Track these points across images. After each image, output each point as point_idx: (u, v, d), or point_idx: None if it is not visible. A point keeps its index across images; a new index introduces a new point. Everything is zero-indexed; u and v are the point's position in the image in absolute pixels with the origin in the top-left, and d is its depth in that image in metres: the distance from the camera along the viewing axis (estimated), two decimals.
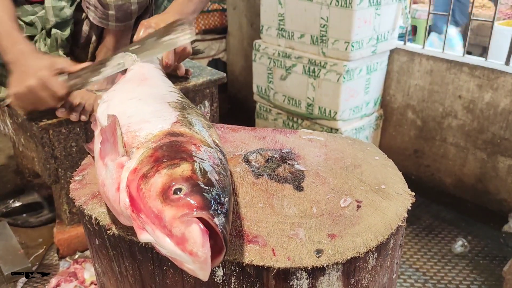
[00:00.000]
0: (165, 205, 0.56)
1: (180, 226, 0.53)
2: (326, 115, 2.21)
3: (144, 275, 0.71)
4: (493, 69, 2.02)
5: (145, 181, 0.59)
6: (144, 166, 0.61)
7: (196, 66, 1.80)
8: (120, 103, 0.81)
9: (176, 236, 0.53)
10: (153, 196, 0.57)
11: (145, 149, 0.64)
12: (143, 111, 0.76)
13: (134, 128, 0.70)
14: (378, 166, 0.84)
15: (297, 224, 0.68)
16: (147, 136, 0.67)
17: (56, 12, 1.33)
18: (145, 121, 0.72)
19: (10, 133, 1.64)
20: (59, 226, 1.65)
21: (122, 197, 0.61)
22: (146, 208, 0.57)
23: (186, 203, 0.55)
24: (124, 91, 0.87)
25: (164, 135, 0.67)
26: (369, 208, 0.72)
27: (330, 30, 2.08)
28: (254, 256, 0.62)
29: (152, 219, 0.56)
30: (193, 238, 0.52)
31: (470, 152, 2.19)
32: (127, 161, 0.64)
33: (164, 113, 0.75)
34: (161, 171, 0.59)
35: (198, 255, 0.52)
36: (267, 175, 0.80)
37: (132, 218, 0.59)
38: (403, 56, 2.31)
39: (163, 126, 0.70)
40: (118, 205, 0.62)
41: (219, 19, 3.15)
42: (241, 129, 1.00)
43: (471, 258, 1.94)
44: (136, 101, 0.80)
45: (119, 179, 0.63)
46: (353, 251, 0.63)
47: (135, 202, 0.59)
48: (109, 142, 0.67)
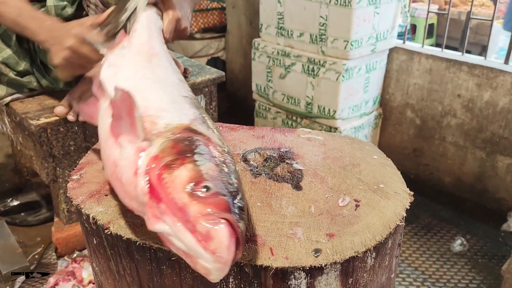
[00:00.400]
0: (192, 199, 0.55)
1: (206, 223, 0.53)
2: (325, 114, 2.21)
3: (142, 274, 0.71)
4: (492, 68, 2.02)
5: (169, 172, 0.58)
6: (166, 156, 0.60)
7: (195, 65, 1.79)
8: (131, 78, 0.79)
9: (200, 233, 0.53)
10: (179, 188, 0.56)
11: (165, 139, 0.64)
12: (160, 98, 0.75)
13: (152, 114, 0.69)
14: (377, 165, 0.84)
15: (295, 223, 0.68)
16: (167, 126, 0.67)
17: (58, 12, 1.33)
18: (163, 109, 0.71)
19: (8, 131, 1.63)
20: (57, 225, 1.65)
21: (140, 182, 0.60)
22: (169, 199, 0.56)
23: (215, 202, 0.55)
24: (134, 65, 0.85)
25: (183, 129, 0.67)
26: (368, 207, 0.72)
27: (329, 28, 2.08)
28: (252, 255, 0.62)
29: (174, 211, 0.55)
30: (220, 238, 0.52)
31: (469, 151, 2.19)
32: (148, 147, 0.63)
33: (181, 106, 0.74)
34: (186, 165, 0.59)
35: (221, 256, 0.52)
36: (266, 174, 0.80)
37: (148, 205, 0.58)
38: (402, 55, 2.31)
39: (182, 120, 0.69)
40: (133, 189, 0.61)
41: (218, 17, 3.14)
42: (239, 128, 0.99)
43: (470, 257, 1.94)
44: (151, 84, 0.79)
45: (137, 163, 0.61)
46: (352, 251, 0.63)
47: (154, 190, 0.58)
48: (125, 121, 0.65)
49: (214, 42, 3.13)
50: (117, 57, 0.88)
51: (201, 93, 1.67)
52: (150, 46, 0.94)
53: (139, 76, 0.81)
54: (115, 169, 0.65)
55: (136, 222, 0.68)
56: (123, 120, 0.66)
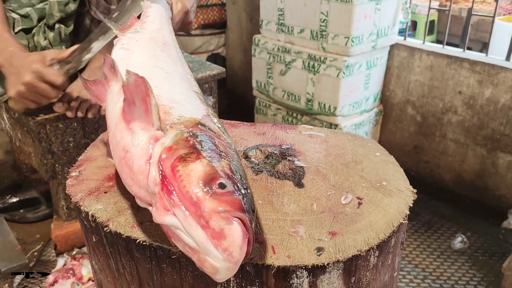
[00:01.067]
0: (206, 195, 0.54)
1: (220, 221, 0.52)
2: (325, 110, 2.20)
3: (141, 272, 0.70)
4: (493, 65, 2.01)
5: (184, 164, 0.57)
6: (181, 148, 0.59)
7: (195, 61, 1.78)
8: (144, 64, 0.78)
9: (213, 230, 0.52)
10: (194, 182, 0.55)
11: (178, 131, 0.63)
12: (173, 89, 0.74)
13: (166, 104, 0.68)
14: (379, 163, 0.83)
15: (297, 221, 0.67)
16: (180, 118, 0.65)
17: (61, 8, 1.32)
18: (176, 101, 0.70)
19: (7, 128, 1.62)
20: (56, 222, 1.64)
21: (152, 171, 0.58)
22: (182, 192, 0.55)
23: (230, 200, 0.54)
24: (147, 52, 0.84)
25: (195, 123, 0.65)
26: (370, 205, 0.71)
27: (330, 25, 2.07)
28: (254, 254, 0.61)
29: (187, 204, 0.54)
30: (233, 237, 0.51)
31: (470, 148, 2.18)
32: (162, 137, 0.61)
33: (194, 101, 0.73)
34: (202, 160, 0.58)
35: (232, 255, 0.51)
36: (267, 172, 0.79)
37: (159, 196, 0.57)
38: (403, 51, 2.30)
39: (194, 114, 0.68)
40: (144, 178, 0.59)
41: (218, 13, 3.12)
42: (240, 124, 0.99)
43: (470, 254, 1.94)
44: (164, 73, 0.78)
45: (149, 151, 0.60)
46: (354, 249, 0.62)
47: (167, 181, 0.57)
48: (138, 107, 0.64)
49: (214, 38, 3.11)
50: (130, 40, 0.86)
51: (201, 89, 1.66)
52: (162, 34, 0.93)
53: (152, 64, 0.79)
54: (126, 155, 0.63)
55: (136, 220, 0.68)
56: (136, 105, 0.64)
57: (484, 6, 3.79)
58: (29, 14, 1.39)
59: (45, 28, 1.38)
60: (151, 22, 0.96)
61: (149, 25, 0.95)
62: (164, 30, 0.96)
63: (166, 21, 1.01)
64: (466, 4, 3.93)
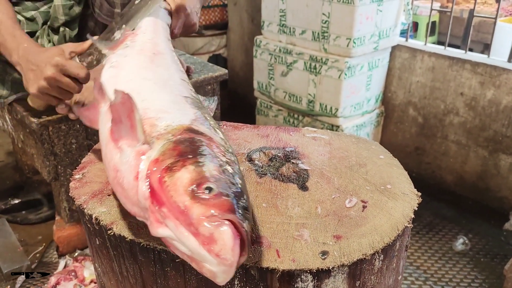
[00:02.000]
0: (193, 202, 0.54)
1: (209, 226, 0.52)
2: (327, 111, 2.20)
3: (145, 276, 0.70)
4: (495, 66, 2.01)
5: (170, 174, 0.57)
6: (167, 158, 0.59)
7: (197, 62, 1.78)
8: (132, 80, 0.78)
9: (203, 236, 0.52)
10: (180, 191, 0.55)
11: (165, 141, 0.63)
12: (161, 99, 0.74)
13: (152, 116, 0.68)
14: (383, 166, 0.83)
15: (301, 224, 0.67)
16: (167, 128, 0.65)
17: (66, 11, 1.32)
18: (164, 111, 0.70)
19: (9, 129, 1.62)
20: (58, 223, 1.64)
21: (141, 187, 0.59)
22: (171, 202, 0.55)
23: (218, 203, 0.54)
24: (136, 65, 0.84)
25: (184, 130, 0.65)
26: (375, 208, 0.71)
27: (331, 26, 2.06)
28: (258, 257, 0.61)
29: (177, 214, 0.54)
30: (224, 240, 0.51)
31: (472, 149, 2.18)
32: (148, 150, 0.61)
33: (183, 107, 0.73)
34: (188, 167, 0.58)
35: (225, 259, 0.51)
36: (271, 174, 0.79)
37: (150, 210, 0.57)
38: (405, 52, 2.29)
39: (182, 120, 0.68)
40: (134, 194, 0.60)
41: (219, 14, 3.12)
42: (243, 126, 0.98)
43: (472, 256, 1.94)
44: (152, 85, 0.78)
45: (138, 167, 0.60)
46: (359, 253, 0.62)
47: (156, 194, 0.57)
48: (124, 125, 0.64)
49: (216, 39, 3.11)
50: (118, 57, 0.86)
51: (203, 91, 1.66)
52: (154, 43, 0.93)
53: (140, 77, 0.79)
54: (116, 174, 0.64)
55: (140, 223, 0.67)
56: (123, 123, 0.64)
57: (485, 7, 3.79)
58: (34, 17, 1.38)
59: (49, 31, 1.37)
60: (143, 33, 0.96)
61: (140, 36, 0.95)
62: (157, 38, 0.95)
63: (161, 28, 1.00)
64: (467, 5, 3.93)
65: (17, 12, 1.38)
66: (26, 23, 1.38)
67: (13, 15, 1.22)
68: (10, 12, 1.21)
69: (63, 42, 1.37)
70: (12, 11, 1.23)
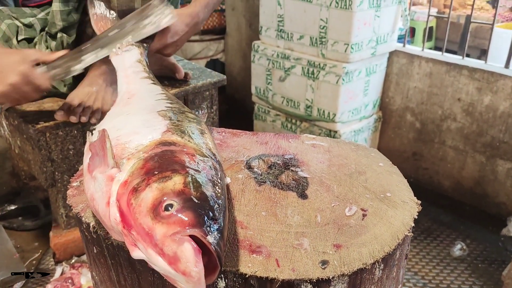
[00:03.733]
0: (155, 222, 0.53)
1: (171, 244, 0.51)
2: (325, 117, 2.20)
3: (143, 285, 0.69)
4: (492, 72, 2.02)
5: (136, 196, 0.56)
6: (134, 179, 0.59)
7: (195, 68, 1.78)
8: (108, 122, 0.78)
9: (168, 255, 0.51)
10: (144, 212, 0.55)
11: (136, 160, 0.62)
12: (131, 123, 0.73)
13: (124, 141, 0.67)
14: (383, 173, 0.82)
15: (301, 233, 0.67)
16: (137, 147, 0.65)
17: (64, 17, 1.31)
18: (134, 132, 0.69)
19: (6, 134, 1.62)
20: (55, 230, 1.63)
21: (112, 212, 0.58)
22: (137, 224, 0.55)
23: (178, 220, 0.53)
24: (112, 113, 0.84)
25: (156, 145, 0.65)
26: (375, 217, 0.70)
27: (329, 31, 2.07)
28: (258, 267, 0.61)
29: (143, 236, 0.54)
30: (186, 257, 0.50)
31: (469, 155, 2.18)
32: (117, 173, 0.61)
33: (153, 122, 0.72)
34: (151, 185, 0.57)
35: (191, 275, 0.50)
36: (270, 182, 0.78)
37: (123, 234, 0.57)
38: (403, 58, 2.30)
39: (153, 136, 0.67)
40: (108, 220, 0.59)
41: (217, 19, 3.13)
42: (242, 133, 0.98)
43: (469, 262, 1.93)
44: (125, 116, 0.78)
45: (109, 192, 0.60)
46: (360, 262, 0.62)
47: (125, 218, 0.56)
48: (99, 156, 0.64)
49: (213, 44, 3.11)
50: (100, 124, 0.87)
51: (202, 97, 1.65)
52: (127, 91, 0.93)
53: (115, 116, 0.80)
54: (93, 203, 0.63)
55: None
56: (98, 155, 0.65)
57: (482, 13, 3.81)
58: (32, 24, 1.38)
59: (47, 37, 1.37)
60: (118, 93, 0.96)
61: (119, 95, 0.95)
62: (130, 85, 0.95)
63: (131, 73, 1.00)
64: (464, 11, 3.95)
65: (15, 18, 1.38)
66: (24, 29, 1.38)
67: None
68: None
69: (61, 48, 1.36)
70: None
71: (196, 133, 0.72)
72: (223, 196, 0.60)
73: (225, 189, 0.64)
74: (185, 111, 0.81)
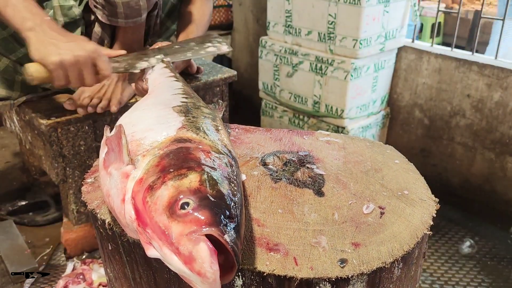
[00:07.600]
0: (171, 220, 0.53)
1: (187, 244, 0.51)
2: (332, 113, 2.19)
3: (159, 282, 0.69)
4: (502, 68, 2.00)
5: (151, 194, 0.56)
6: (150, 176, 0.58)
7: (206, 64, 1.77)
8: (127, 116, 0.78)
9: (184, 255, 0.51)
10: (159, 210, 0.54)
11: (151, 157, 0.62)
12: (146, 119, 0.73)
13: (139, 137, 0.67)
14: (399, 170, 0.82)
15: (319, 231, 0.66)
16: (152, 144, 0.65)
17: (65, 12, 1.30)
18: (149, 129, 0.69)
19: (16, 130, 1.62)
20: (66, 225, 1.63)
21: (127, 209, 0.58)
22: (152, 223, 0.54)
23: (194, 219, 0.52)
24: (133, 108, 0.85)
25: (171, 141, 0.64)
26: (393, 215, 0.70)
27: (338, 27, 2.06)
28: (276, 265, 0.60)
29: (159, 235, 0.53)
30: (201, 257, 0.49)
31: (478, 152, 2.17)
32: (132, 170, 0.61)
33: (168, 118, 0.72)
34: (167, 183, 0.56)
35: (206, 276, 0.49)
36: (286, 179, 0.78)
37: (138, 232, 0.57)
38: (411, 54, 2.28)
39: (168, 132, 0.67)
40: (123, 218, 0.59)
41: (224, 15, 3.11)
42: (255, 130, 0.98)
43: (478, 259, 1.93)
44: (140, 112, 0.78)
45: (124, 189, 0.60)
46: (379, 261, 0.61)
47: (141, 216, 0.56)
48: (114, 152, 0.64)
49: None
50: None
51: (212, 92, 1.65)
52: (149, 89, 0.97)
53: (131, 112, 0.80)
54: (109, 199, 0.63)
55: None
56: (113, 151, 0.64)
57: (490, 8, 3.78)
58: None
59: None
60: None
61: None
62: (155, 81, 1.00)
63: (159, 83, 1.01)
64: (472, 6, 3.92)
65: None
66: None
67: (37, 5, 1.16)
68: None
69: None
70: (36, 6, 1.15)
71: (211, 129, 0.71)
72: (239, 194, 0.60)
73: (241, 186, 0.64)
74: (201, 106, 0.80)
